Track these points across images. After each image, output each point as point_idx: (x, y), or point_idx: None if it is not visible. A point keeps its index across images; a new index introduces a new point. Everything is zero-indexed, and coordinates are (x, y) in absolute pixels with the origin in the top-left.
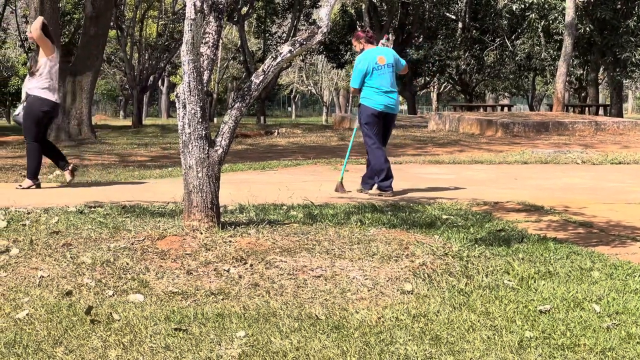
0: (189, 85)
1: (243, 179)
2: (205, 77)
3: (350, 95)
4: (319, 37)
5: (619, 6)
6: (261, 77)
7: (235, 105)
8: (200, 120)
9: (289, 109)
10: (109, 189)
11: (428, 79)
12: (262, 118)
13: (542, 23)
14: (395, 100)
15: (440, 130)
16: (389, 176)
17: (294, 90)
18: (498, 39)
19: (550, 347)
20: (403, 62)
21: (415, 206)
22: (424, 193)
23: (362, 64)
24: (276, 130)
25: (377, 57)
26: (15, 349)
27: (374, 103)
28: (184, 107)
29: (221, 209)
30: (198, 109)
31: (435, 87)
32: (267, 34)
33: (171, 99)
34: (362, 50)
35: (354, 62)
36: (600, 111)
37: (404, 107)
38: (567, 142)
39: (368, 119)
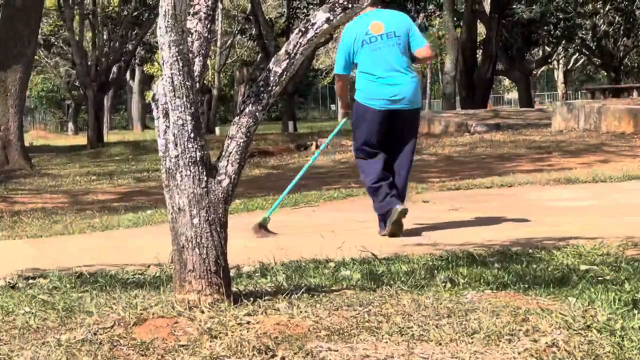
0: (172, 81)
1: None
2: (197, 67)
3: (429, 83)
4: None
5: None
6: (285, 63)
7: (247, 110)
8: (192, 134)
9: (332, 107)
10: (56, 247)
11: (549, 50)
12: (290, 124)
13: None
14: (404, 88)
15: (570, 130)
16: (387, 201)
17: None
18: None
19: None
20: (422, 40)
21: (537, 252)
22: (548, 231)
23: (346, 37)
24: (313, 143)
25: (369, 25)
26: None
27: (367, 97)
28: (166, 115)
29: (232, 272)
30: (188, 117)
31: (561, 61)
32: None
33: (146, 101)
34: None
35: (429, 28)
36: None
37: (513, 95)
38: None
39: (360, 121)
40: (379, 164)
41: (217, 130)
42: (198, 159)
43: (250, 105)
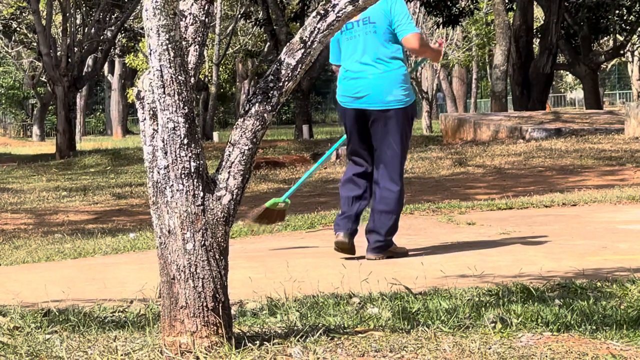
0: (162, 75)
1: (274, 249)
2: (191, 58)
3: (474, 79)
4: None
5: None
6: (300, 53)
7: (253, 110)
8: (185, 140)
9: None
10: (18, 278)
11: (621, 39)
12: (305, 128)
13: None
14: (369, 84)
15: None
16: (345, 206)
17: None
18: None
19: None
20: (407, 27)
21: (607, 286)
22: (620, 260)
23: None
24: (333, 152)
25: None
26: None
27: (339, 94)
28: (154, 116)
29: (234, 309)
30: (180, 119)
31: (636, 53)
32: None
33: (129, 100)
34: None
35: (475, 12)
36: None
37: (577, 94)
38: None
39: (343, 121)
40: (349, 182)
41: (216, 135)
42: (193, 170)
43: (257, 104)
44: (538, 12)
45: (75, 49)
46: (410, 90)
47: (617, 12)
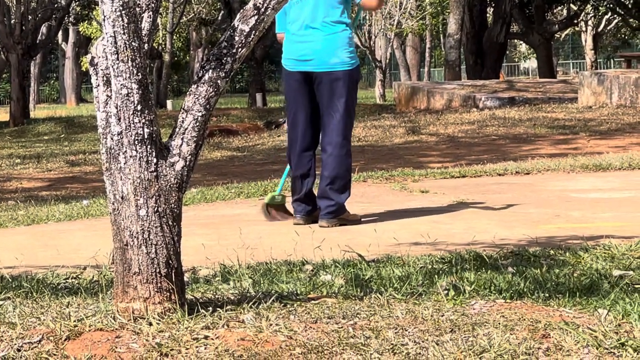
0: (115, 41)
1: (227, 216)
2: (145, 25)
3: (428, 48)
4: None
5: None
6: (254, 19)
7: (207, 76)
8: (138, 106)
9: None
10: None
11: (575, 8)
12: (258, 97)
13: None
14: (314, 46)
15: (601, 106)
16: (295, 189)
17: None
18: None
19: None
20: None
21: (560, 254)
22: (573, 228)
23: None
24: (286, 120)
25: None
26: None
27: (284, 57)
28: (107, 83)
29: (187, 276)
30: (134, 85)
31: (590, 22)
32: None
33: (83, 68)
34: None
35: None
36: None
37: (531, 64)
38: None
39: (285, 87)
40: (297, 147)
41: (169, 104)
42: (146, 136)
43: (210, 71)
44: None
45: (29, 17)
46: (355, 54)
47: None
